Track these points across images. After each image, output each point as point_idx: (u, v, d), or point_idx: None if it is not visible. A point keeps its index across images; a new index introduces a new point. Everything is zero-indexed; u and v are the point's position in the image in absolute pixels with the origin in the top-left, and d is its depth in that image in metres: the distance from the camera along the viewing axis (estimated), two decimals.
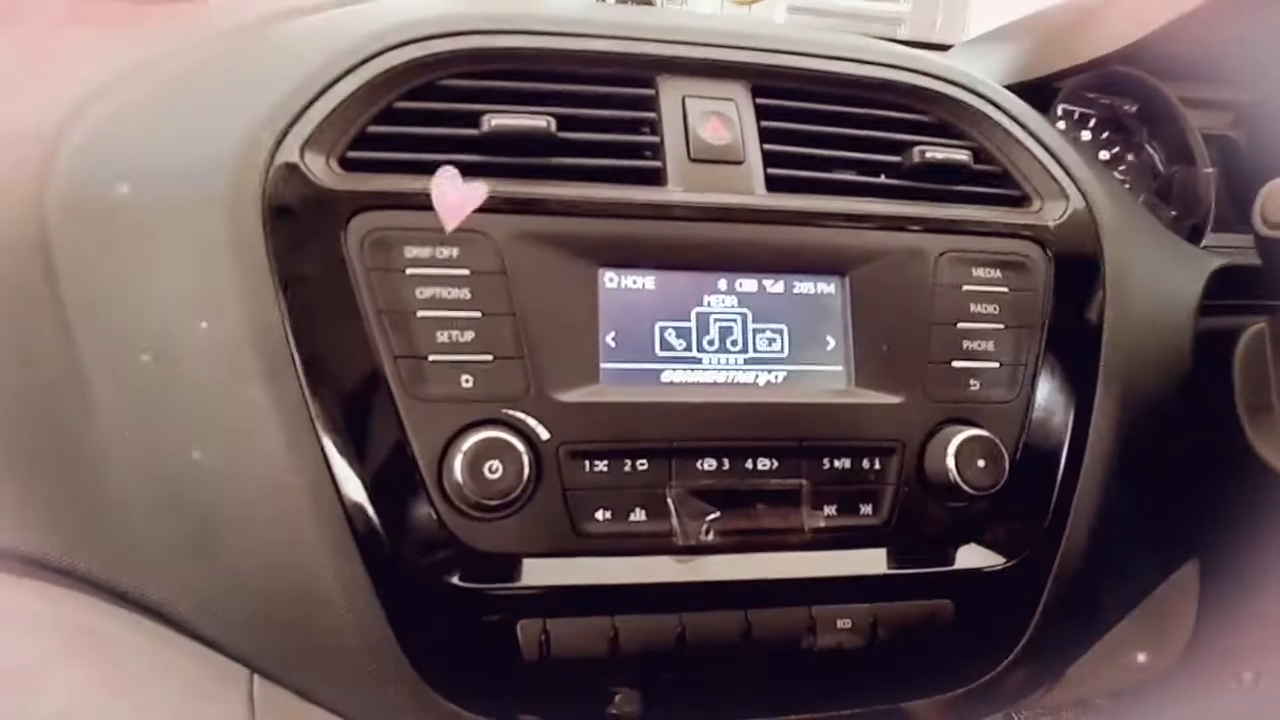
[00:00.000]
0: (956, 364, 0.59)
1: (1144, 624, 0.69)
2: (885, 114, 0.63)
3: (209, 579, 0.51)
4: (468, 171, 0.54)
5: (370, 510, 0.50)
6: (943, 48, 1.08)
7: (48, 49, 0.64)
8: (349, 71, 0.54)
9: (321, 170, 0.52)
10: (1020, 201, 0.64)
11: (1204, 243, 0.83)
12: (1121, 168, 0.89)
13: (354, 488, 0.50)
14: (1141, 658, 0.73)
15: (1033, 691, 0.62)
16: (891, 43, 0.69)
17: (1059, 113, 0.86)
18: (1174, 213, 0.85)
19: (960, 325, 0.59)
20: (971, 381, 0.59)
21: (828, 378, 0.58)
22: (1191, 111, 0.85)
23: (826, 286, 0.59)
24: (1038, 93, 0.82)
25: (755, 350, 0.57)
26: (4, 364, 0.52)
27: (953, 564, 0.58)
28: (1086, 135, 0.89)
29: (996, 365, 0.59)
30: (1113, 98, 0.88)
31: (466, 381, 0.52)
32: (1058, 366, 0.61)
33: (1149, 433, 0.64)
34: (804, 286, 0.58)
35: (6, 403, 0.52)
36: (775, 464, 0.56)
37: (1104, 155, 0.89)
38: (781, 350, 0.57)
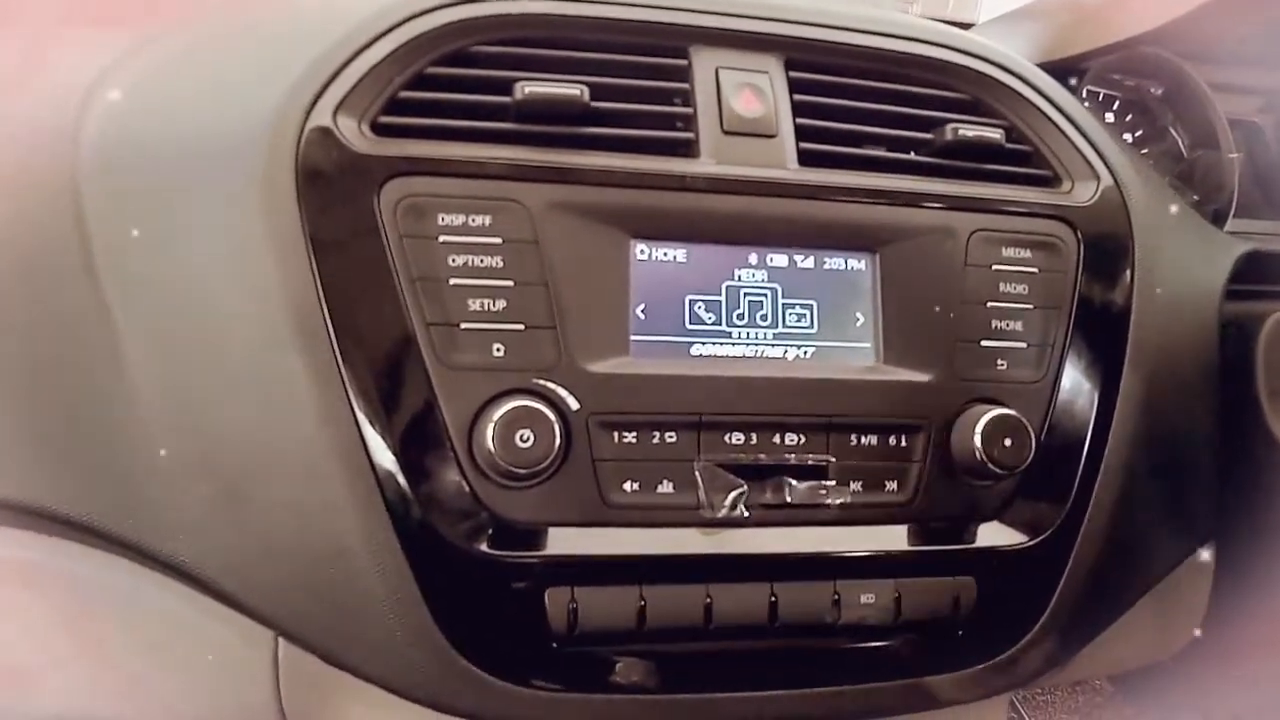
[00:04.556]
0: (985, 343, 0.59)
1: (1156, 605, 0.70)
2: (918, 90, 0.63)
3: (239, 542, 0.51)
4: (500, 139, 0.54)
5: (401, 477, 0.50)
6: (964, 25, 1.07)
7: (72, 17, 0.64)
8: (382, 35, 0.54)
9: (354, 134, 0.52)
10: (1051, 181, 0.64)
11: (1226, 227, 0.83)
12: (1145, 150, 0.88)
13: (385, 454, 0.50)
14: (1152, 639, 0.74)
15: (1049, 669, 0.62)
16: (920, 19, 0.68)
17: (1084, 94, 0.85)
18: (1196, 197, 0.85)
19: (989, 305, 0.59)
20: (999, 361, 0.59)
21: (856, 354, 0.58)
22: (1218, 96, 0.85)
23: (857, 263, 0.58)
24: (1064, 73, 0.81)
25: (785, 325, 0.57)
26: (40, 331, 0.52)
27: (976, 542, 0.58)
28: (1111, 117, 0.89)
29: (1024, 345, 0.59)
30: (1139, 80, 0.87)
31: (498, 350, 0.52)
32: (1085, 347, 0.61)
33: (1172, 415, 0.65)
34: (834, 262, 0.58)
35: (42, 367, 0.52)
36: (802, 439, 0.56)
37: (1128, 137, 0.89)
38: (811, 326, 0.57)
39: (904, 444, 0.57)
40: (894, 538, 0.57)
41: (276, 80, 0.52)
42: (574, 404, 0.52)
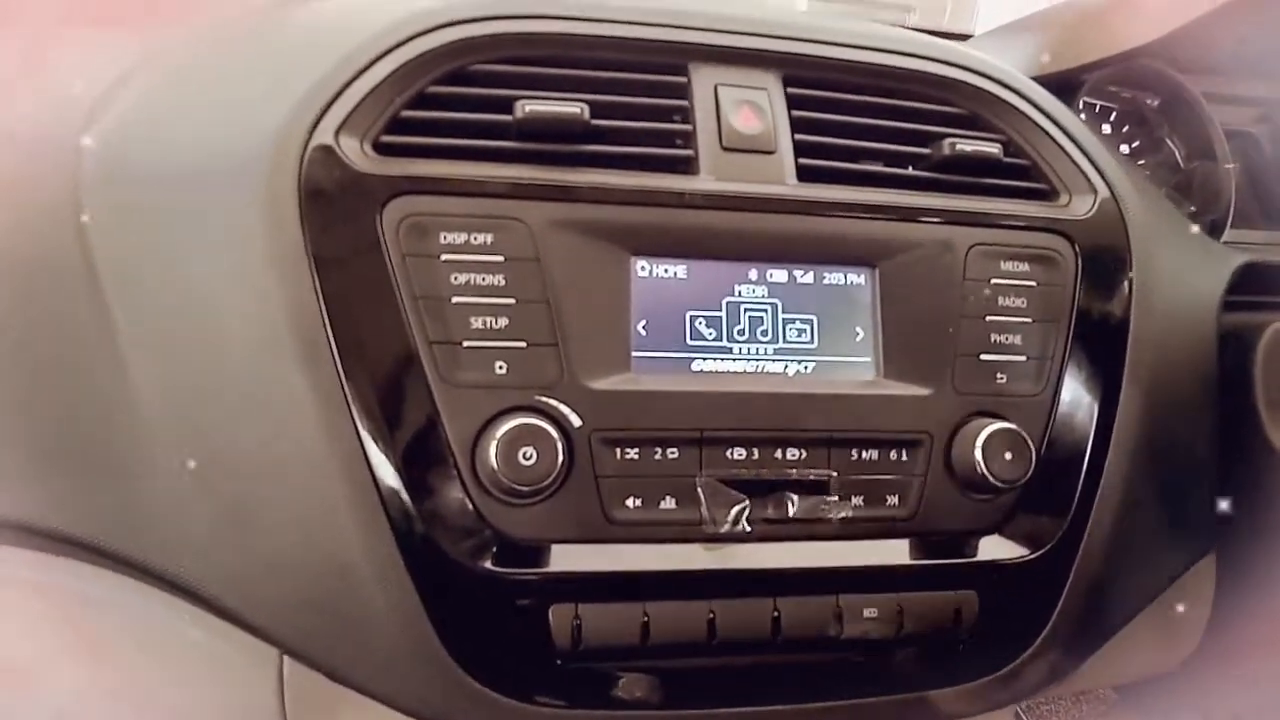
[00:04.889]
0: (985, 357, 0.59)
1: (1159, 616, 0.70)
2: (915, 105, 0.63)
3: (242, 559, 0.51)
4: (501, 158, 0.54)
5: (404, 494, 0.50)
6: (962, 37, 1.08)
7: (72, 35, 0.64)
8: (384, 54, 0.54)
9: (356, 154, 0.52)
10: (1049, 195, 0.64)
11: (1223, 238, 0.83)
12: (1142, 162, 0.89)
13: (388, 472, 0.50)
14: (1156, 650, 0.74)
15: (1052, 681, 0.62)
16: (917, 33, 0.69)
17: (1080, 106, 0.86)
18: (1193, 208, 0.85)
19: (989, 318, 0.59)
20: (999, 375, 0.59)
21: (856, 369, 0.58)
22: (1214, 107, 0.85)
23: (856, 278, 0.59)
24: (1060, 86, 0.81)
25: (785, 340, 0.57)
26: (43, 347, 0.53)
27: (977, 555, 0.59)
28: (1107, 129, 0.89)
29: (1024, 358, 0.60)
30: (1135, 91, 0.88)
31: (500, 368, 0.52)
32: (1084, 360, 0.61)
33: (1171, 426, 0.65)
34: (834, 277, 0.58)
35: (45, 383, 0.52)
36: (804, 454, 0.56)
37: (1124, 149, 0.89)
38: (811, 341, 0.58)
39: (905, 458, 0.57)
40: (896, 552, 0.57)
41: (280, 98, 0.53)
42: (576, 421, 0.52)
